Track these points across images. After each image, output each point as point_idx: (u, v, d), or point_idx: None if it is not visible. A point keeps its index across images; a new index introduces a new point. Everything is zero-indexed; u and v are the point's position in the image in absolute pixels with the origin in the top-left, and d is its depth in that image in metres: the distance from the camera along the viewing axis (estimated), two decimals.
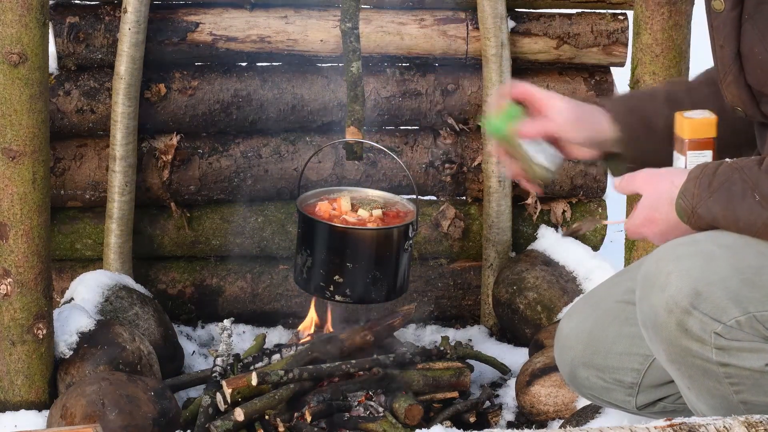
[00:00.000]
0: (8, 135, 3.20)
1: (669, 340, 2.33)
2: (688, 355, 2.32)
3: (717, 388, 2.34)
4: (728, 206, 2.33)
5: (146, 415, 3.20)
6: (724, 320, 2.28)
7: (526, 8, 4.05)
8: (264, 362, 3.63)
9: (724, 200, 2.34)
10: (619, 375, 2.68)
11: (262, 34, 3.92)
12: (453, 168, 4.06)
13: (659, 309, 2.32)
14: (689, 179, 2.39)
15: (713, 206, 2.35)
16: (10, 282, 3.29)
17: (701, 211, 2.36)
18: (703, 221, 2.37)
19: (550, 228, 4.11)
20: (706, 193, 2.36)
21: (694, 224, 2.39)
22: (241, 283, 4.06)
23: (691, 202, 2.37)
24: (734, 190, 2.33)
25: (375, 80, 3.99)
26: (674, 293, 2.30)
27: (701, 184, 2.37)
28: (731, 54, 2.45)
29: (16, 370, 3.35)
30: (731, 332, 2.28)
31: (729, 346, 2.28)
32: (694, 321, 2.28)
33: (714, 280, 2.29)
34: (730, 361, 2.29)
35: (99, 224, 3.93)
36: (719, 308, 2.28)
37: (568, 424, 3.29)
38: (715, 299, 2.28)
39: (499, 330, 4.09)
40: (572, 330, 2.74)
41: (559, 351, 2.79)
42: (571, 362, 2.74)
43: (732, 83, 2.47)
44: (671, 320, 2.30)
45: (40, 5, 3.14)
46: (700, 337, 2.29)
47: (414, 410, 3.43)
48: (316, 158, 3.97)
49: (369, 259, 3.49)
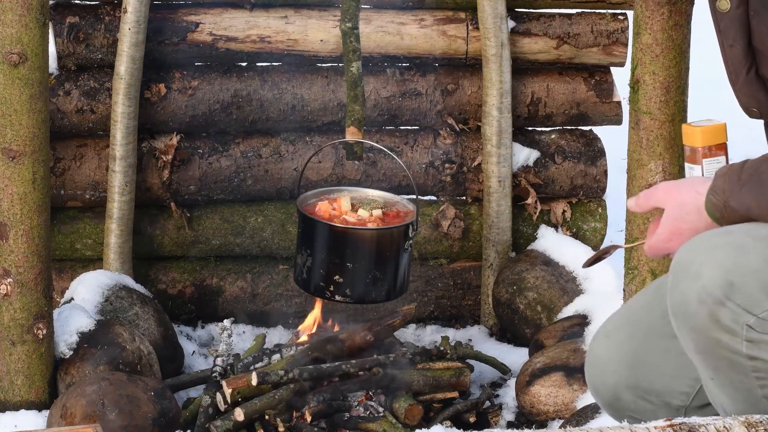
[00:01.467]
0: (8, 135, 3.20)
1: (699, 330, 2.30)
2: (718, 346, 2.30)
3: (742, 381, 2.32)
4: (761, 194, 2.31)
5: (146, 415, 3.20)
6: (757, 312, 2.25)
7: (526, 8, 4.05)
8: (264, 362, 3.63)
9: (756, 189, 2.31)
10: (667, 398, 2.60)
11: (262, 34, 3.92)
12: (453, 168, 4.06)
13: (691, 298, 2.30)
14: (717, 177, 2.36)
15: (745, 197, 2.32)
16: (10, 282, 3.29)
17: (733, 203, 2.33)
18: (737, 214, 2.34)
19: (550, 228, 4.12)
20: (737, 186, 2.33)
21: (727, 218, 2.36)
22: (241, 283, 4.06)
23: (722, 197, 2.34)
24: (765, 178, 2.30)
25: (375, 80, 3.99)
26: (707, 283, 2.27)
27: (730, 179, 2.34)
28: (742, 50, 2.43)
29: (16, 370, 3.35)
30: (763, 325, 2.26)
31: (760, 339, 2.26)
32: (727, 312, 2.26)
33: (747, 271, 2.26)
34: (759, 355, 2.27)
35: (99, 224, 3.93)
36: (752, 300, 2.25)
37: (568, 424, 3.29)
38: (749, 291, 2.25)
39: (499, 330, 4.09)
40: (613, 352, 2.63)
41: (597, 376, 2.65)
42: (614, 386, 2.62)
43: (744, 83, 2.46)
44: (703, 310, 2.28)
45: (40, 5, 3.14)
46: (731, 328, 2.27)
47: (414, 410, 3.43)
48: (316, 158, 3.97)
49: (369, 259, 3.49)
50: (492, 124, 3.97)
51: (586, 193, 4.15)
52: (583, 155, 4.12)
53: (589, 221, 4.17)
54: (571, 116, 4.13)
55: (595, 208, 4.17)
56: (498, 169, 3.99)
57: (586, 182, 4.13)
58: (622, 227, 3.78)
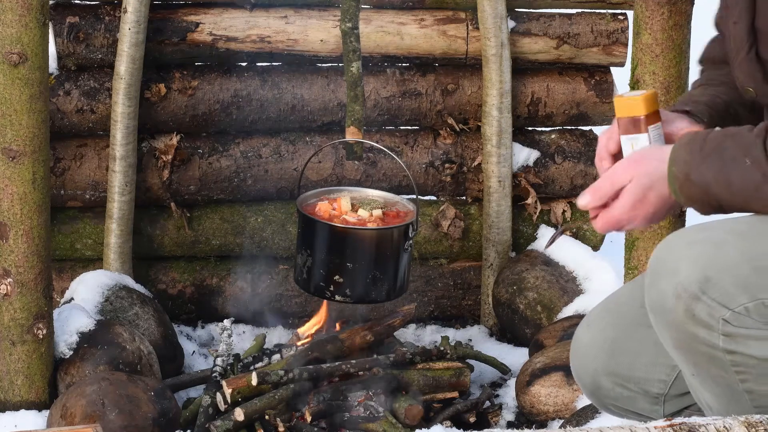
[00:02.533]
0: (8, 135, 3.20)
1: (676, 326, 2.31)
2: (695, 341, 2.30)
3: (722, 376, 2.32)
4: (721, 171, 2.29)
5: (146, 415, 3.20)
6: (733, 306, 2.25)
7: (526, 8, 4.05)
8: (264, 362, 3.63)
9: (717, 165, 2.29)
10: (645, 386, 2.62)
11: (262, 34, 3.92)
12: (453, 168, 4.06)
13: (668, 294, 2.30)
14: (680, 146, 2.34)
15: (706, 172, 2.31)
16: (10, 282, 3.29)
17: (694, 176, 2.31)
18: (696, 188, 2.32)
19: (550, 228, 4.12)
20: (698, 157, 2.31)
21: (686, 193, 2.34)
22: (241, 283, 4.06)
23: (683, 169, 2.32)
24: (726, 155, 2.28)
25: (375, 80, 3.99)
26: (683, 279, 2.27)
27: (692, 150, 2.31)
28: (745, 29, 2.43)
29: (16, 370, 3.35)
30: (739, 319, 2.26)
31: (736, 333, 2.26)
32: (703, 307, 2.26)
33: (724, 266, 2.25)
34: (737, 349, 2.27)
35: (99, 224, 3.93)
36: (728, 294, 2.25)
37: (568, 424, 3.29)
38: (725, 285, 2.25)
39: (499, 330, 4.09)
40: (594, 339, 2.66)
41: (579, 361, 2.70)
42: (593, 373, 2.66)
43: (744, 60, 2.45)
44: (679, 305, 2.28)
45: (40, 5, 3.14)
46: (707, 323, 2.27)
47: (414, 410, 3.43)
48: (316, 158, 3.97)
49: (369, 259, 3.49)
50: (492, 124, 3.97)
51: None
52: (583, 155, 4.12)
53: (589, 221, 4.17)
54: (571, 116, 4.13)
55: None
56: (498, 169, 3.99)
57: (586, 182, 4.12)
58: None
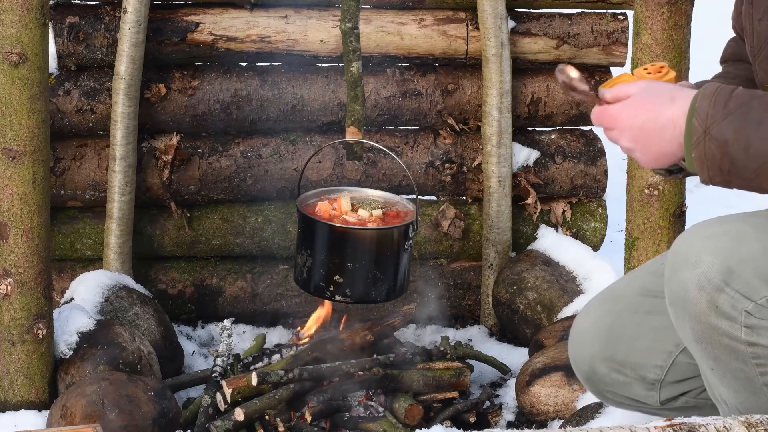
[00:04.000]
0: (8, 135, 3.20)
1: (698, 318, 2.30)
2: (716, 333, 2.29)
3: (742, 369, 2.31)
4: (742, 130, 2.23)
5: (146, 415, 3.20)
6: (755, 298, 2.25)
7: (526, 8, 4.05)
8: (264, 362, 3.63)
9: (738, 123, 2.23)
10: (642, 371, 2.63)
11: (262, 34, 3.92)
12: (453, 168, 4.07)
13: (690, 286, 2.29)
14: (704, 96, 2.28)
15: (727, 128, 2.24)
16: (10, 282, 3.29)
17: (714, 132, 2.24)
18: (713, 144, 2.25)
19: (550, 228, 4.12)
20: (722, 113, 2.25)
21: (702, 148, 2.26)
22: (241, 283, 4.06)
23: (705, 122, 2.25)
24: (751, 115, 2.22)
25: (375, 80, 3.99)
26: (706, 270, 2.26)
27: (717, 104, 2.26)
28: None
29: (16, 370, 3.35)
30: (762, 311, 2.25)
31: (759, 325, 2.25)
32: (726, 298, 2.25)
33: (746, 258, 2.25)
34: (758, 341, 2.27)
35: (99, 224, 3.94)
36: (751, 286, 2.24)
37: (568, 424, 3.29)
38: (747, 277, 2.24)
39: (499, 330, 4.09)
40: (591, 326, 2.68)
41: (576, 348, 2.73)
42: (590, 359, 2.68)
43: (766, 58, 2.44)
44: (702, 297, 2.27)
45: (40, 5, 3.14)
46: (730, 314, 2.26)
47: (414, 410, 3.43)
48: (316, 158, 3.97)
49: (369, 259, 3.49)
50: (492, 124, 3.97)
51: (586, 193, 4.15)
52: (583, 155, 4.12)
53: (589, 221, 4.17)
54: (571, 116, 4.13)
55: (595, 208, 4.17)
56: (498, 169, 3.99)
57: (586, 182, 4.13)
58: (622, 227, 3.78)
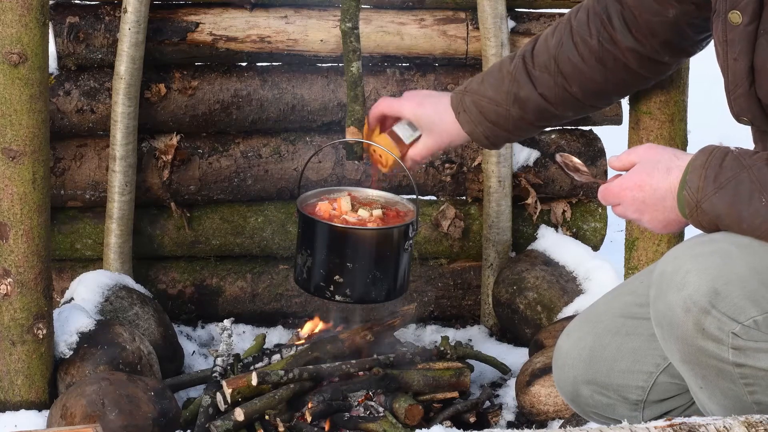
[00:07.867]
0: (8, 135, 3.20)
1: (684, 340, 2.30)
2: (704, 355, 2.29)
3: (731, 388, 2.31)
4: (733, 205, 2.29)
5: (146, 415, 3.20)
6: (742, 320, 2.25)
7: (526, 8, 4.05)
8: (264, 362, 3.63)
9: (729, 198, 2.30)
10: (624, 392, 2.63)
11: (262, 34, 3.92)
12: (453, 168, 4.07)
13: (676, 308, 2.29)
14: (694, 168, 2.34)
15: (718, 203, 2.31)
16: (10, 282, 3.29)
17: (706, 206, 2.32)
18: (706, 217, 2.33)
19: (550, 228, 4.12)
20: (712, 187, 2.31)
21: (696, 218, 2.35)
22: (241, 283, 4.06)
23: (696, 196, 2.33)
24: (741, 189, 2.28)
25: (375, 80, 3.99)
26: (692, 292, 2.26)
27: (707, 177, 2.32)
28: (745, 68, 2.42)
29: (16, 370, 3.35)
30: (749, 332, 2.25)
31: (746, 347, 2.26)
32: (712, 320, 2.25)
33: (732, 279, 2.25)
34: (746, 362, 2.27)
35: (99, 224, 3.94)
36: (737, 308, 2.24)
37: (568, 424, 3.29)
38: (734, 298, 2.24)
39: (499, 330, 4.09)
40: (572, 348, 2.69)
41: (559, 370, 2.73)
42: (573, 381, 2.68)
43: (741, 96, 2.45)
44: (688, 319, 2.27)
45: (40, 5, 3.14)
46: (717, 336, 2.26)
47: (414, 410, 3.43)
48: (316, 158, 3.97)
49: (369, 259, 3.48)
50: None
51: (586, 193, 4.15)
52: (583, 155, 4.12)
53: (589, 221, 4.17)
54: None
55: (595, 208, 4.17)
56: (498, 169, 3.99)
57: (586, 182, 4.12)
58: (622, 227, 3.79)
